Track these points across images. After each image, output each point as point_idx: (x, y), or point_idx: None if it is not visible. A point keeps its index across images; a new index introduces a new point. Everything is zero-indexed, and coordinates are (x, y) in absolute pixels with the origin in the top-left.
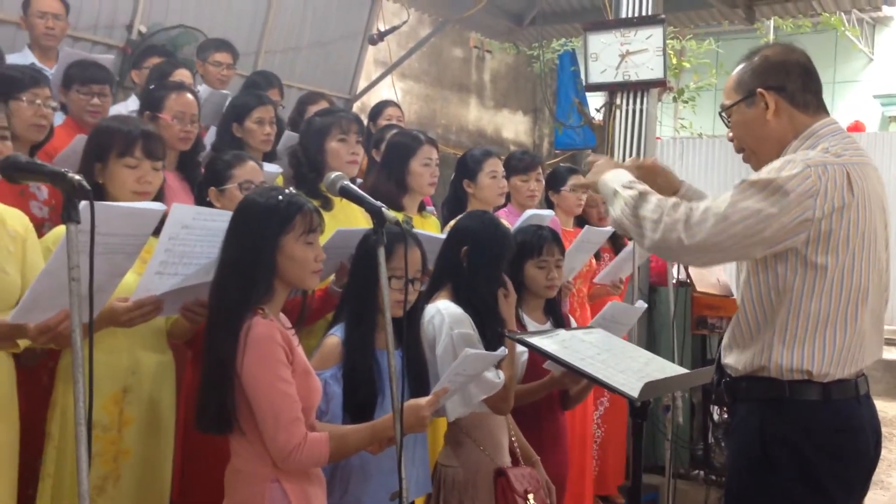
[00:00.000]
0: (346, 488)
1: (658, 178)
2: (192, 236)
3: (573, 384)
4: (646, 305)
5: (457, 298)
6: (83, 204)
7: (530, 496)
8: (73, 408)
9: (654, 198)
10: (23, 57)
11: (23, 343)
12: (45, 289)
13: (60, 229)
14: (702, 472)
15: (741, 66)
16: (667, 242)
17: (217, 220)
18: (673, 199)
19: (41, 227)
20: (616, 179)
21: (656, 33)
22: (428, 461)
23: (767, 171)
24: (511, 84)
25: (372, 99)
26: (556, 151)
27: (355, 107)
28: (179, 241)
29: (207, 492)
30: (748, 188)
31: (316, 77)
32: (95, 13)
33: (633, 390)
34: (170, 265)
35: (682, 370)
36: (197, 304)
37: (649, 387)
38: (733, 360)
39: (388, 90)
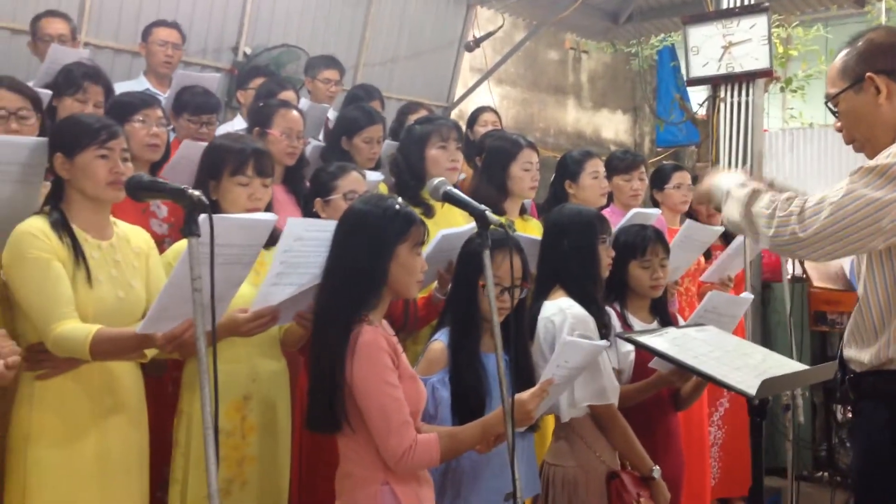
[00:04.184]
0: (458, 491)
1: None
2: (305, 247)
3: (681, 382)
4: (752, 297)
5: (573, 294)
6: (202, 217)
7: (643, 499)
8: (198, 415)
9: (768, 194)
10: (138, 84)
11: (150, 353)
12: (169, 300)
13: (180, 244)
14: (826, 474)
15: (845, 52)
16: (782, 237)
17: (327, 231)
18: (787, 193)
19: (161, 244)
20: (729, 180)
21: (760, 22)
22: (535, 461)
23: (886, 156)
24: (609, 83)
25: (469, 106)
26: (658, 149)
27: (453, 114)
28: (294, 253)
29: (324, 495)
30: (865, 174)
31: (414, 87)
32: (203, 38)
33: (751, 388)
34: (285, 276)
35: (802, 366)
36: (311, 311)
37: (767, 384)
38: (857, 354)
39: (485, 96)
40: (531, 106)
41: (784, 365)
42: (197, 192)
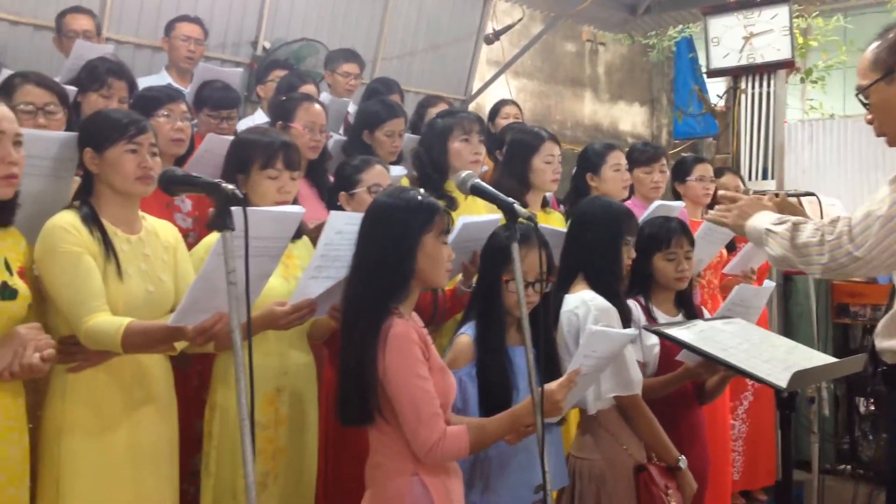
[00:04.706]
0: (486, 483)
1: (788, 212)
2: (345, 240)
3: (708, 375)
4: (773, 285)
5: (596, 287)
6: (236, 210)
7: (671, 491)
8: (231, 408)
9: (810, 224)
10: (160, 78)
11: (179, 346)
12: (200, 293)
13: (210, 238)
14: (849, 467)
15: (876, 44)
16: (837, 261)
17: None
18: (830, 217)
19: (186, 238)
20: (763, 220)
21: (782, 12)
22: (563, 453)
23: None
24: (626, 75)
25: (487, 99)
26: (676, 141)
27: (470, 107)
28: (333, 247)
29: (350, 486)
30: None
31: (432, 80)
32: (223, 33)
33: (781, 380)
34: (323, 269)
35: (830, 359)
36: None
37: (798, 376)
38: (891, 344)
39: (502, 89)
40: (548, 98)
41: (812, 357)
42: (231, 186)
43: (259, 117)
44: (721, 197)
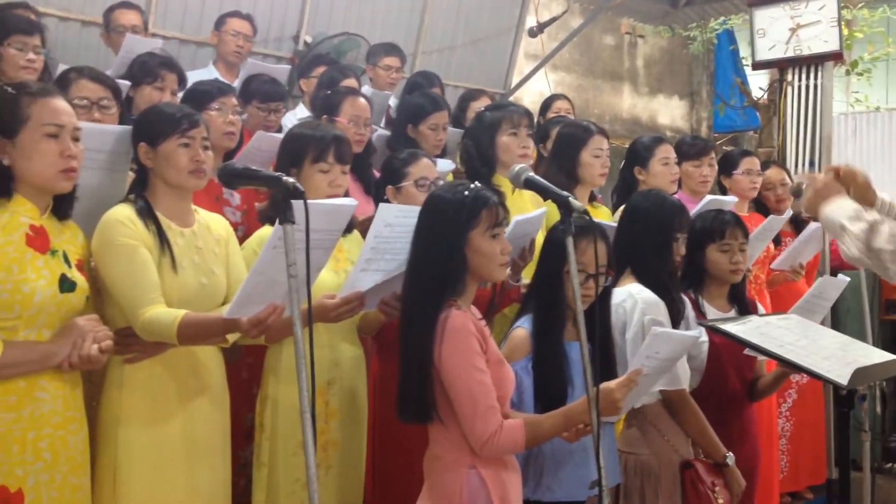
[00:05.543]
0: (539, 479)
1: (852, 186)
2: (394, 233)
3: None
4: (847, 279)
5: (644, 281)
6: (296, 204)
7: (718, 488)
8: (283, 399)
9: (886, 227)
10: (207, 73)
11: (231, 338)
12: (255, 286)
13: (263, 232)
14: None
15: None
16: None
17: (415, 217)
18: None
19: (235, 231)
20: (841, 212)
21: (830, 3)
22: (616, 450)
23: None
24: (665, 68)
25: (525, 93)
26: (716, 135)
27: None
28: (383, 239)
29: (398, 478)
30: None
31: (471, 74)
32: (265, 28)
33: (842, 377)
34: (373, 262)
35: (889, 355)
36: (394, 299)
37: (860, 373)
38: None
39: (540, 83)
40: (586, 92)
41: (870, 354)
42: (291, 180)
43: (301, 112)
44: (799, 183)
